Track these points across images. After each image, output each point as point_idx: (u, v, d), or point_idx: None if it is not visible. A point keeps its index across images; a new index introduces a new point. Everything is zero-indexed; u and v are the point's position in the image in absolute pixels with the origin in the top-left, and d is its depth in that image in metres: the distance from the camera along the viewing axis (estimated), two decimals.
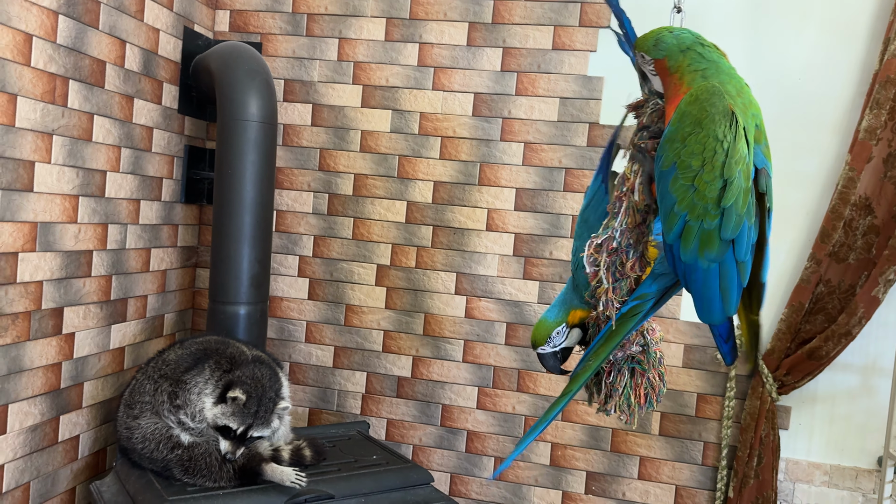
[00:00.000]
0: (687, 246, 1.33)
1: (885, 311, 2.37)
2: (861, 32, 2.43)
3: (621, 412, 1.64)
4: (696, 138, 1.28)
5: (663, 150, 1.34)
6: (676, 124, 1.32)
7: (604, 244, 1.49)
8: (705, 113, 1.28)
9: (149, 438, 1.98)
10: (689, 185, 1.29)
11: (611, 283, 1.49)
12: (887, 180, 2.32)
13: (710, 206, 1.29)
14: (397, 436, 2.81)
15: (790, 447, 2.52)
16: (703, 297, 1.36)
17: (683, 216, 1.31)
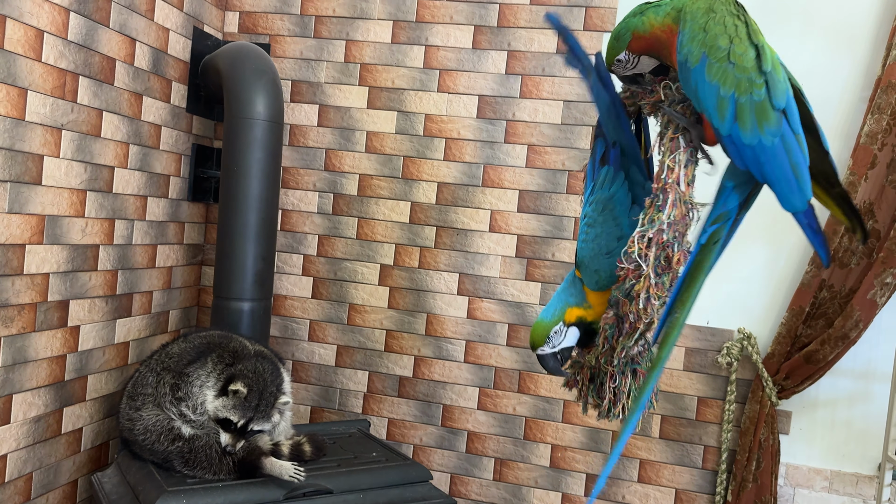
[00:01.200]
0: (745, 125, 1.31)
1: (887, 316, 2.37)
2: (863, 38, 2.44)
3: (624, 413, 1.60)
4: (713, 22, 1.32)
5: (688, 51, 1.34)
6: (689, 22, 1.34)
7: (654, 238, 1.38)
8: (711, 1, 1.33)
9: (150, 430, 2.00)
10: (725, 64, 1.31)
11: (654, 280, 1.40)
12: (889, 185, 2.33)
13: (753, 74, 1.30)
14: (398, 435, 2.82)
15: (790, 452, 2.52)
16: (780, 180, 1.33)
17: (732, 96, 1.31)
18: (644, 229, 1.39)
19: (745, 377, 2.53)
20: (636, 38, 1.44)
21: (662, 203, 1.40)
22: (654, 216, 1.40)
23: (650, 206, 1.41)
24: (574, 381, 1.65)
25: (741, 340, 2.50)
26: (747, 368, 2.52)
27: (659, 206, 1.40)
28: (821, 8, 2.47)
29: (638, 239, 1.39)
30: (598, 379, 1.60)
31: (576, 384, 1.65)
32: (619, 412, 1.59)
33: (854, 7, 2.44)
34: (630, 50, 1.46)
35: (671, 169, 1.41)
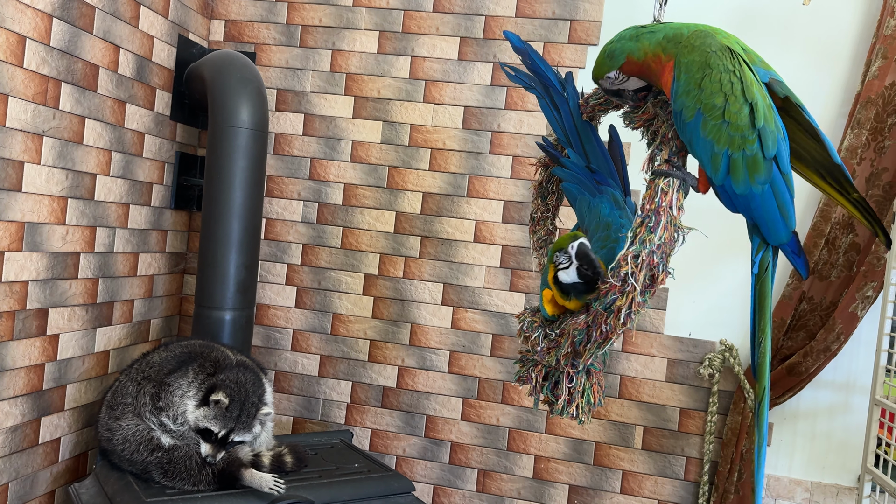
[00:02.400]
0: (738, 178, 1.38)
1: (865, 329, 2.39)
2: (843, 54, 2.47)
3: (582, 413, 1.65)
4: (709, 79, 1.35)
5: (682, 104, 1.38)
6: (685, 75, 1.37)
7: (646, 260, 1.41)
8: (706, 54, 1.36)
9: (129, 440, 1.98)
10: (720, 122, 1.35)
11: (640, 298, 1.43)
12: (869, 199, 2.35)
13: (747, 132, 1.35)
14: (381, 446, 2.80)
15: (772, 463, 2.53)
16: (768, 221, 1.42)
17: (725, 153, 1.37)
18: (636, 249, 1.41)
19: (727, 388, 2.54)
20: (630, 61, 1.48)
21: (654, 225, 1.42)
22: (644, 237, 1.42)
23: (641, 226, 1.43)
24: (528, 378, 1.69)
25: (723, 352, 2.51)
26: (729, 380, 2.54)
27: (651, 228, 1.42)
28: (801, 24, 2.50)
29: (631, 259, 1.41)
30: (553, 377, 1.65)
31: (529, 380, 1.69)
32: (573, 411, 1.64)
33: (834, 23, 2.48)
34: (621, 70, 1.51)
35: (665, 192, 1.44)
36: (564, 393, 1.62)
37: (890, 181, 2.33)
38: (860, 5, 2.46)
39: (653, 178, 1.46)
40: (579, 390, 1.62)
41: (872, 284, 2.30)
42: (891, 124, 2.32)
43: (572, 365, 1.59)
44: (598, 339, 1.49)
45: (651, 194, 1.45)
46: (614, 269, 1.43)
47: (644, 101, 1.60)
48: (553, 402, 1.67)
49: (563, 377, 1.61)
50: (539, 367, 1.67)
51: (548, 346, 1.61)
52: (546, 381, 1.67)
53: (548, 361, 1.62)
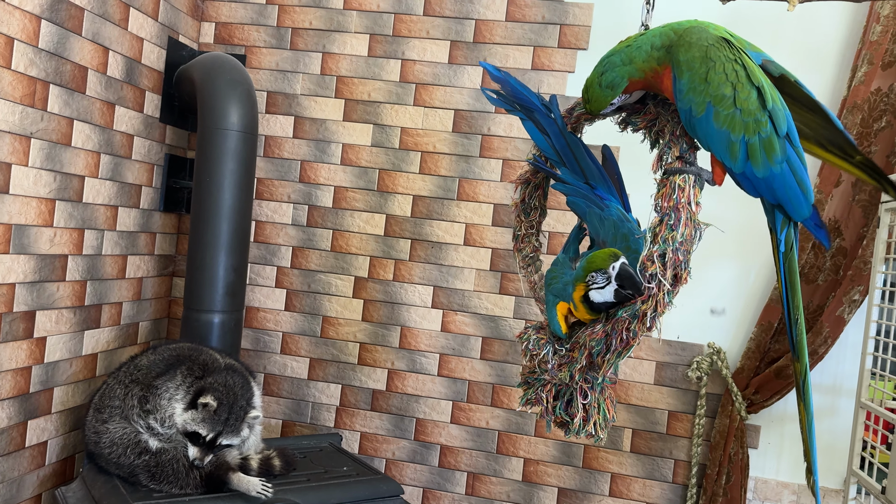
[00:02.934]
0: (757, 162, 1.40)
1: (852, 332, 2.41)
2: (830, 59, 2.50)
3: (600, 430, 1.58)
4: (714, 71, 1.37)
5: (689, 101, 1.39)
6: (688, 73, 1.38)
7: (672, 258, 1.38)
8: (705, 48, 1.38)
9: (117, 443, 1.97)
10: (732, 111, 1.37)
11: (664, 298, 1.40)
12: (856, 204, 2.37)
13: (759, 115, 1.37)
14: (370, 449, 2.80)
15: (759, 466, 2.54)
16: (791, 197, 1.44)
17: (742, 139, 1.39)
18: (661, 248, 1.38)
19: (715, 391, 2.55)
20: (632, 83, 1.48)
21: (675, 222, 1.40)
22: (667, 235, 1.39)
23: (661, 224, 1.41)
24: (538, 399, 1.60)
25: (711, 355, 2.53)
26: (717, 383, 2.55)
27: (671, 226, 1.40)
28: (788, 30, 2.52)
29: (658, 258, 1.38)
30: (564, 395, 1.57)
31: (539, 402, 1.60)
32: (591, 429, 1.57)
33: (821, 29, 2.50)
34: (623, 93, 1.51)
35: (682, 189, 1.42)
36: (580, 410, 1.54)
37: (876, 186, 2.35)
38: (846, 12, 2.48)
39: (666, 176, 1.44)
40: (595, 406, 1.55)
41: (859, 288, 2.32)
42: (877, 130, 2.34)
43: (586, 380, 1.53)
44: (619, 348, 1.45)
45: (668, 192, 1.43)
46: (642, 271, 1.40)
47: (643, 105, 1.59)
48: (568, 421, 1.58)
49: (577, 394, 1.54)
50: (549, 387, 1.59)
51: (559, 362, 1.55)
52: (557, 401, 1.58)
53: (561, 378, 1.55)
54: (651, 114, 1.56)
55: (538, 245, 1.86)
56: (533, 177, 1.81)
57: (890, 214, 2.03)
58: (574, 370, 1.52)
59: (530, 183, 1.82)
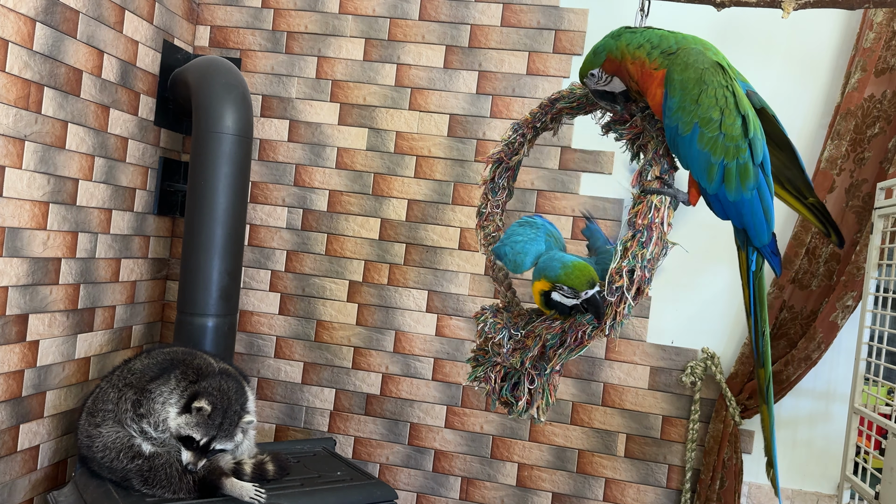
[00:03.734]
0: (731, 186, 1.46)
1: (845, 337, 2.41)
2: (824, 66, 2.51)
3: (542, 414, 1.64)
4: (706, 95, 1.41)
5: (678, 119, 1.43)
6: (680, 92, 1.43)
7: (640, 274, 1.44)
8: (700, 71, 1.42)
9: (109, 447, 1.96)
10: (716, 134, 1.42)
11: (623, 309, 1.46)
12: (849, 209, 2.38)
13: (740, 142, 1.43)
14: (364, 454, 2.80)
15: (753, 471, 2.55)
16: (755, 224, 1.50)
17: (721, 163, 1.44)
18: (630, 264, 1.44)
19: (709, 396, 2.56)
20: (609, 59, 1.52)
21: (647, 240, 1.45)
22: (637, 251, 1.44)
23: (633, 240, 1.46)
24: (486, 378, 1.67)
25: (705, 360, 2.53)
26: (711, 388, 2.55)
27: (643, 243, 1.45)
28: (782, 37, 2.53)
29: (626, 273, 1.43)
30: (512, 378, 1.63)
31: (487, 381, 1.67)
32: (534, 412, 1.63)
33: (814, 36, 2.51)
34: (603, 69, 1.53)
35: (657, 209, 1.46)
36: (525, 394, 1.61)
37: (869, 192, 2.36)
38: (840, 19, 2.50)
39: (644, 195, 1.49)
40: (539, 392, 1.62)
41: (852, 294, 2.33)
42: (870, 136, 2.35)
43: (535, 367, 1.59)
44: (572, 346, 1.52)
45: (643, 209, 1.47)
46: (609, 283, 1.45)
47: (631, 116, 1.61)
48: (513, 403, 1.65)
49: (524, 378, 1.60)
50: (498, 368, 1.66)
51: (513, 348, 1.60)
52: (505, 382, 1.65)
53: (512, 363, 1.61)
54: (637, 127, 1.59)
55: (500, 225, 1.88)
56: (506, 158, 1.84)
57: (883, 220, 2.04)
58: (525, 357, 1.58)
59: (501, 163, 1.84)
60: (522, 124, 1.82)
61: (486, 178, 1.87)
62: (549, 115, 1.79)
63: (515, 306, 1.76)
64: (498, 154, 1.85)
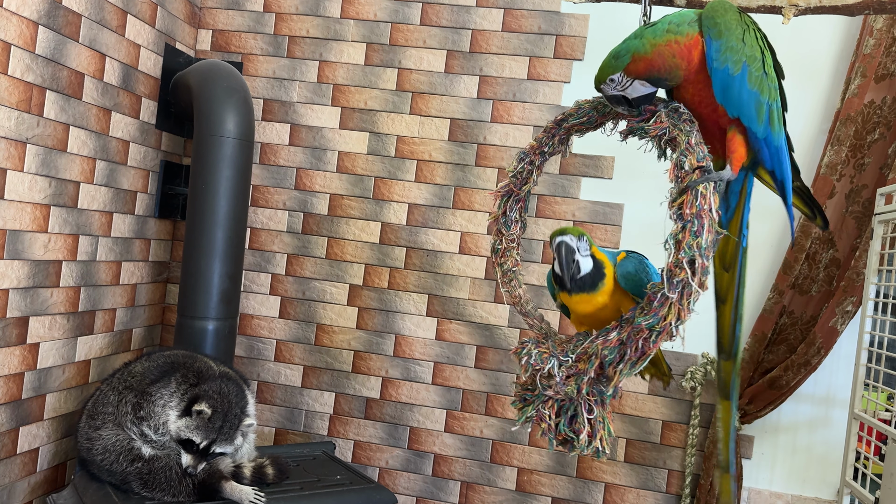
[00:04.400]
0: (774, 127, 1.47)
1: (845, 343, 2.41)
2: (824, 72, 2.52)
3: (606, 445, 1.52)
4: (748, 34, 1.43)
5: (727, 59, 1.42)
6: (726, 32, 1.42)
7: (699, 263, 1.36)
8: (735, 13, 1.44)
9: (109, 450, 1.96)
10: (761, 73, 1.44)
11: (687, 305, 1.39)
12: (849, 215, 2.39)
13: (776, 83, 1.46)
14: (364, 458, 2.79)
15: (753, 476, 2.55)
16: (789, 177, 1.53)
17: (767, 103, 1.45)
18: (690, 254, 1.37)
19: (709, 402, 2.56)
20: (635, 59, 1.46)
21: (699, 229, 1.38)
22: (691, 242, 1.38)
23: (684, 231, 1.39)
24: (539, 416, 1.53)
25: (705, 365, 2.53)
26: (711, 393, 2.55)
27: (695, 233, 1.38)
28: (782, 42, 2.53)
29: (687, 264, 1.36)
30: (568, 411, 1.51)
31: (541, 419, 1.53)
32: (598, 445, 1.51)
33: (814, 42, 2.52)
34: (626, 72, 1.48)
35: (703, 196, 1.40)
36: (586, 426, 1.48)
37: (869, 197, 2.36)
38: (840, 25, 2.51)
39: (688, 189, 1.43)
40: (601, 421, 1.50)
41: (852, 299, 2.33)
42: (870, 141, 2.36)
43: (592, 393, 1.48)
44: (633, 357, 1.42)
45: (689, 199, 1.40)
46: (669, 279, 1.37)
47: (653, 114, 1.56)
48: (573, 438, 1.51)
49: (582, 408, 1.48)
50: (550, 402, 1.52)
51: (566, 374, 1.49)
52: (560, 417, 1.51)
53: (568, 392, 1.49)
54: (663, 122, 1.52)
55: (518, 259, 1.79)
56: (516, 189, 1.74)
57: (883, 226, 2.05)
58: (582, 383, 1.48)
59: (512, 195, 1.74)
60: (529, 152, 1.72)
61: (496, 214, 1.75)
62: (557, 137, 1.70)
63: (555, 335, 1.65)
64: (507, 186, 1.74)
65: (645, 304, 1.43)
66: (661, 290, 1.39)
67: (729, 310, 1.61)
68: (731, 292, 1.59)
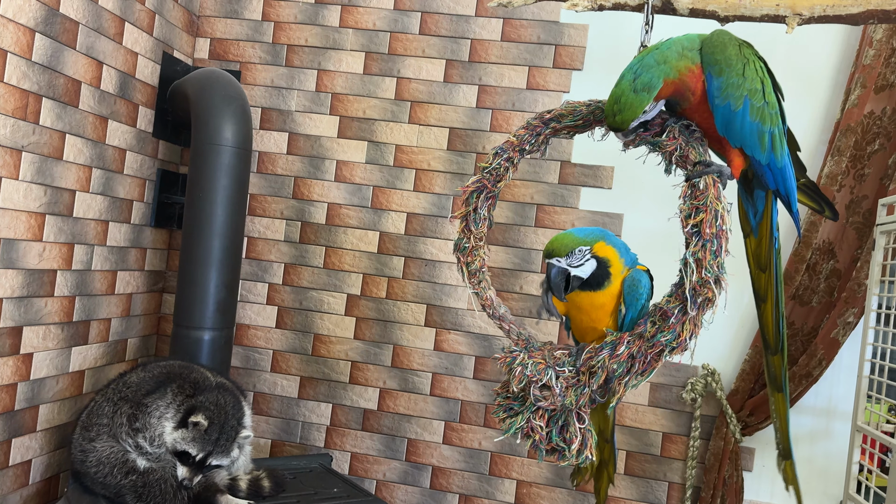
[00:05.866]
0: (777, 152, 1.52)
1: (846, 354, 2.40)
2: (823, 83, 2.52)
3: (593, 452, 1.53)
4: (748, 67, 1.47)
5: (728, 96, 1.46)
6: (727, 69, 1.46)
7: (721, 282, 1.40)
8: (738, 46, 1.48)
9: (104, 462, 1.92)
10: (762, 103, 1.48)
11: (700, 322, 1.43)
12: (850, 226, 2.38)
13: (776, 108, 1.51)
14: (361, 470, 2.76)
15: (754, 489, 2.53)
16: (793, 189, 1.58)
17: (769, 130, 1.49)
18: (714, 274, 1.40)
19: (710, 413, 2.54)
20: (666, 84, 1.46)
21: (718, 249, 1.41)
22: (712, 261, 1.40)
23: (703, 250, 1.40)
24: (530, 428, 1.53)
25: (705, 377, 2.51)
26: (711, 405, 2.54)
27: (715, 252, 1.41)
28: (782, 53, 2.54)
29: (713, 284, 1.39)
30: (558, 421, 1.51)
31: (534, 431, 1.52)
32: (591, 453, 1.51)
33: (814, 53, 2.52)
34: (657, 97, 1.47)
35: (722, 216, 1.42)
36: (577, 435, 1.49)
37: (870, 208, 2.36)
38: (839, 35, 2.51)
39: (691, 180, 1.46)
40: (591, 430, 1.50)
41: (853, 310, 2.32)
42: (870, 152, 2.36)
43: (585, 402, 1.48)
44: (639, 370, 1.44)
45: (709, 218, 1.41)
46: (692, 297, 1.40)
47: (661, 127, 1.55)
48: (564, 448, 1.51)
49: (573, 418, 1.49)
50: (540, 413, 1.52)
51: (565, 385, 1.48)
52: (550, 427, 1.52)
53: (567, 404, 1.49)
54: (677, 139, 1.51)
55: (485, 259, 1.73)
56: (490, 185, 1.69)
57: (885, 237, 2.04)
58: (581, 394, 1.47)
59: (484, 191, 1.69)
60: (507, 148, 1.68)
61: (464, 210, 1.70)
62: (542, 136, 1.68)
63: (536, 341, 1.63)
64: (480, 182, 1.69)
65: (658, 318, 1.43)
66: (679, 307, 1.39)
67: (770, 308, 1.65)
68: (771, 291, 1.64)
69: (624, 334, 1.47)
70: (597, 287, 1.53)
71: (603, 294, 1.53)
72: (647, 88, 1.43)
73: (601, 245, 1.53)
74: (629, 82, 1.43)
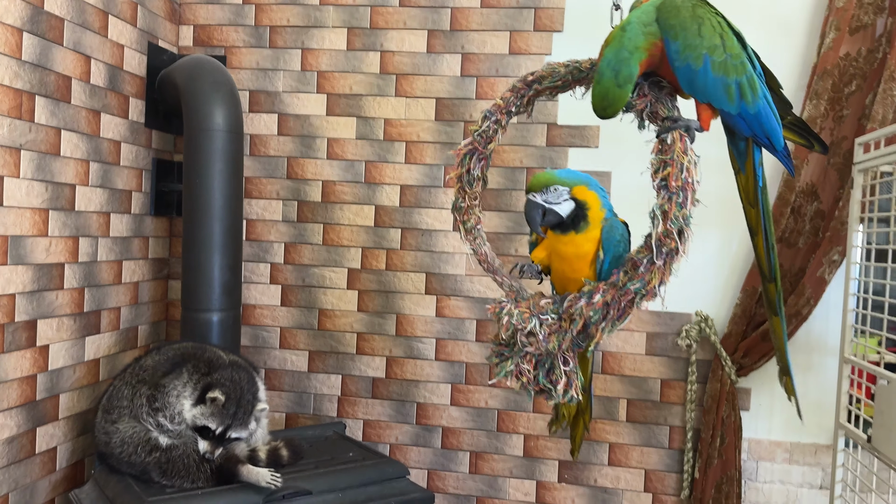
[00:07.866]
0: (748, 100, 1.56)
1: (834, 292, 2.48)
2: (799, 27, 2.56)
3: (578, 392, 1.62)
4: (705, 25, 1.52)
5: (688, 57, 1.52)
6: (682, 31, 1.51)
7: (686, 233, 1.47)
8: (690, 8, 1.53)
9: (127, 442, 2.01)
10: (723, 57, 1.53)
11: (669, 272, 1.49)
12: (831, 167, 2.44)
13: (742, 56, 1.55)
14: (374, 436, 2.86)
15: (751, 427, 2.62)
16: (773, 129, 1.62)
17: (735, 81, 1.54)
18: (678, 225, 1.47)
19: (705, 358, 2.63)
20: (641, 66, 1.54)
21: (684, 200, 1.48)
22: (677, 213, 1.48)
23: (669, 202, 1.48)
24: (518, 371, 1.63)
25: (699, 323, 2.60)
26: (706, 349, 2.62)
27: (681, 203, 1.48)
28: (757, 1, 2.58)
29: (676, 235, 1.46)
30: (545, 364, 1.61)
31: (522, 374, 1.63)
32: (576, 393, 1.61)
33: None
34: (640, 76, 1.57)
35: (688, 169, 1.49)
36: (563, 377, 1.59)
37: (849, 149, 2.42)
38: None
39: (660, 136, 1.52)
40: (576, 371, 1.60)
41: (838, 249, 2.39)
42: (847, 94, 2.41)
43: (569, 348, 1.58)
44: (614, 317, 1.52)
45: (675, 172, 1.48)
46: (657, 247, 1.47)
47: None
48: (551, 389, 1.61)
49: (558, 361, 1.59)
50: (528, 357, 1.61)
51: (549, 332, 1.57)
52: (537, 370, 1.62)
53: (550, 349, 1.58)
54: (646, 95, 1.59)
55: (480, 216, 1.84)
56: (480, 147, 1.78)
57: (863, 175, 2.10)
58: (563, 339, 1.58)
59: (476, 153, 1.78)
60: (495, 111, 1.77)
61: (458, 172, 1.80)
62: (527, 97, 1.76)
63: (524, 291, 1.73)
64: (471, 144, 1.79)
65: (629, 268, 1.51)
66: (648, 256, 1.47)
67: (761, 240, 1.73)
68: (760, 225, 1.72)
69: (600, 284, 1.55)
70: (575, 229, 1.61)
71: (582, 238, 1.61)
72: (629, 79, 1.52)
73: (582, 189, 1.63)
74: (611, 79, 1.51)
